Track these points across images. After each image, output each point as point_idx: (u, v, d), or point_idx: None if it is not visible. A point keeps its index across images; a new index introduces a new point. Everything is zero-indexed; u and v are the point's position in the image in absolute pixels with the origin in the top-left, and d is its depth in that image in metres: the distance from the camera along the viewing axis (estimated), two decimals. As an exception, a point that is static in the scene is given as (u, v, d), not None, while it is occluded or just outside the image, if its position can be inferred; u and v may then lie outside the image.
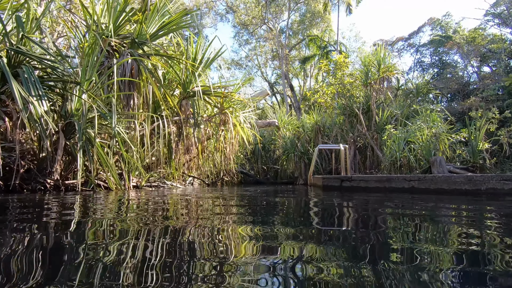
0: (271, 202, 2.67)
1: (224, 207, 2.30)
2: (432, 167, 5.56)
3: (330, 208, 2.37)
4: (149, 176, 4.65)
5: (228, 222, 1.55)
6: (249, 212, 2.04)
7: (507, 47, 30.43)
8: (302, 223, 1.63)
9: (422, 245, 1.09)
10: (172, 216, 1.79)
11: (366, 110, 10.03)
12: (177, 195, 3.38)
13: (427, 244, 1.10)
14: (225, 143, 5.56)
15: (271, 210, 2.22)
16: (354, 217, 1.81)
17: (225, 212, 1.98)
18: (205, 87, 5.03)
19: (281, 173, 11.44)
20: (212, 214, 1.86)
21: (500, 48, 30.79)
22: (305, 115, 12.19)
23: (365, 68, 9.08)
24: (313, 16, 21.72)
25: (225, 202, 2.65)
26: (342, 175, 6.41)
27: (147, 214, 1.83)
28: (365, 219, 1.75)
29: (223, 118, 5.33)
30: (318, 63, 20.15)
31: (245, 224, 1.52)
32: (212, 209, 2.10)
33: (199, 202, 2.56)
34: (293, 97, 19.63)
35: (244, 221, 1.63)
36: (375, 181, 4.16)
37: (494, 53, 29.92)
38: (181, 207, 2.21)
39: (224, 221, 1.59)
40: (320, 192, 4.45)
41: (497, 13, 31.55)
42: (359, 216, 1.88)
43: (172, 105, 4.29)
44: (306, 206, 2.48)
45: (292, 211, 2.20)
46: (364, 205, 2.49)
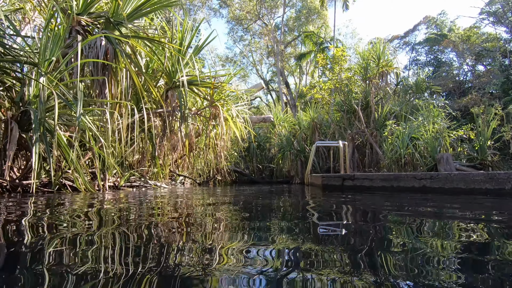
0: (266, 207, 2.24)
1: (205, 212, 1.85)
2: (439, 164, 5.19)
3: (337, 214, 1.93)
4: (129, 175, 4.17)
5: (205, 242, 1.11)
6: (238, 219, 1.60)
7: (502, 46, 30.48)
8: (307, 238, 1.19)
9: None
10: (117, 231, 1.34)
11: (365, 107, 9.66)
12: (156, 197, 2.92)
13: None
14: (216, 140, 5.10)
15: (265, 217, 1.79)
16: (373, 231, 1.37)
17: (202, 223, 1.54)
18: (193, 76, 4.55)
19: (277, 172, 11.04)
20: (186, 227, 1.42)
21: (495, 47, 30.84)
22: (302, 112, 11.79)
23: (364, 62, 8.69)
24: (309, 13, 21.35)
25: (208, 207, 2.21)
26: (342, 173, 6.00)
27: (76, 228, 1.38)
28: (389, 232, 1.32)
29: (213, 112, 4.86)
30: (314, 60, 19.78)
31: (232, 240, 1.08)
32: (188, 220, 1.65)
33: (175, 207, 2.11)
34: (289, 95, 19.22)
35: (230, 237, 1.19)
36: (381, 180, 3.75)
37: (489, 51, 29.91)
38: (146, 215, 1.75)
39: (201, 240, 1.14)
40: (320, 193, 4.04)
41: (492, 11, 31.55)
42: (379, 229, 1.44)
43: (155, 96, 3.80)
44: (307, 212, 2.04)
45: (291, 217, 1.76)
46: (377, 209, 2.07)
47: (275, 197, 3.27)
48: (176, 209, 1.94)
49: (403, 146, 5.19)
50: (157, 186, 4.35)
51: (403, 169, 5.29)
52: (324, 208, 2.14)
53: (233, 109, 5.01)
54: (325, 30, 19.41)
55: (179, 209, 1.96)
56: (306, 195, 3.72)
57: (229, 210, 1.94)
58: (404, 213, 1.80)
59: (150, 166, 4.56)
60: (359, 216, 1.79)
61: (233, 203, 2.39)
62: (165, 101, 4.40)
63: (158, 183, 4.46)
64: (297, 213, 1.89)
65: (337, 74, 9.15)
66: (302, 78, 24.02)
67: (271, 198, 3.12)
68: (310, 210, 2.04)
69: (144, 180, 4.33)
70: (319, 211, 1.98)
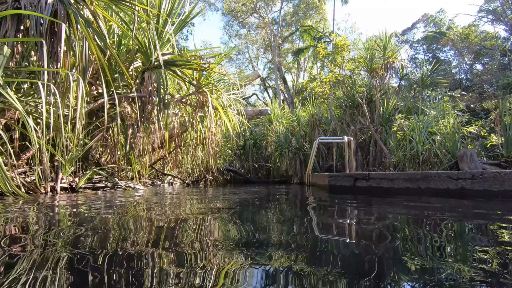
0: (262, 224, 1.53)
1: (174, 234, 1.14)
2: (461, 162, 4.53)
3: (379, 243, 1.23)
4: (91, 173, 3.41)
5: None
6: (225, 247, 0.89)
7: (500, 45, 30.19)
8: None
9: None
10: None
11: (368, 101, 9.00)
12: (112, 205, 2.20)
13: None
14: (205, 133, 4.36)
15: (261, 251, 1.08)
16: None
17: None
18: (175, 56, 3.80)
19: (274, 172, 10.35)
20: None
21: (493, 46, 30.54)
22: (300, 108, 11.10)
23: (368, 53, 8.01)
24: (307, 7, 20.69)
25: (181, 223, 1.50)
26: (354, 172, 5.30)
27: None
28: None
29: (200, 99, 4.11)
30: (312, 56, 19.12)
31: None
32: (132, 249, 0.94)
33: (121, 230, 1.38)
34: (286, 91, 18.52)
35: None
36: (405, 180, 3.05)
37: (489, 49, 29.58)
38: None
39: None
40: (326, 196, 3.34)
41: (491, 9, 31.25)
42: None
43: (127, 77, 3.06)
44: (326, 230, 1.33)
45: (299, 249, 1.06)
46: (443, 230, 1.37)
47: (274, 205, 2.56)
48: (105, 238, 1.21)
49: (420, 141, 4.51)
50: (130, 188, 3.60)
51: (421, 168, 4.61)
52: (348, 227, 1.43)
53: (224, 97, 4.26)
54: (324, 24, 18.75)
55: (117, 236, 1.24)
56: (311, 200, 3.01)
57: (204, 235, 1.23)
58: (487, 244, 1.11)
59: (125, 163, 3.81)
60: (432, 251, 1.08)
61: (213, 217, 1.67)
62: (141, 84, 3.66)
63: (132, 184, 3.70)
64: (313, 245, 1.19)
65: (339, 65, 8.47)
66: (299, 75, 23.36)
67: (268, 207, 2.41)
68: (329, 234, 1.33)
69: (112, 180, 3.57)
70: (345, 244, 1.28)
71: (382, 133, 8.60)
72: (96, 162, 3.85)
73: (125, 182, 3.72)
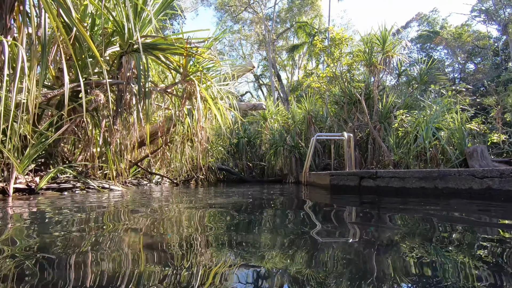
0: (258, 250, 1.14)
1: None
2: (470, 159, 4.21)
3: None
4: (56, 172, 2.93)
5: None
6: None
7: (492, 44, 30.47)
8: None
9: None
10: None
11: (367, 97, 8.68)
12: (72, 210, 1.78)
13: None
14: (194, 127, 3.92)
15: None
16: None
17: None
18: (158, 38, 3.34)
19: (268, 170, 9.99)
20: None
21: (486, 45, 30.80)
22: (296, 104, 10.74)
23: (367, 46, 7.68)
24: (302, 3, 20.36)
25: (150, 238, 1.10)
26: (354, 170, 4.95)
27: None
28: None
29: (187, 89, 3.66)
30: (307, 53, 18.80)
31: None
32: None
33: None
34: (281, 88, 18.14)
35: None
36: (419, 179, 2.69)
37: (482, 48, 29.79)
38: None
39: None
40: (328, 197, 2.97)
41: (484, 9, 31.48)
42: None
43: (100, 61, 2.61)
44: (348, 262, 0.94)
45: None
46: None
47: (269, 209, 2.17)
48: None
49: (427, 137, 4.17)
50: (105, 189, 3.13)
51: (428, 166, 4.28)
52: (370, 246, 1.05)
53: (214, 88, 3.82)
54: (319, 20, 18.43)
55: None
56: (314, 205, 2.62)
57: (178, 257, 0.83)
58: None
59: (101, 161, 3.34)
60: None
61: (191, 238, 1.28)
62: (119, 70, 3.21)
63: (108, 184, 3.23)
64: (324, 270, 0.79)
65: (336, 59, 8.12)
66: (294, 73, 23.05)
67: (264, 211, 2.02)
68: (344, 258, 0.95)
69: (83, 180, 3.09)
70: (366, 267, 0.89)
71: (381, 130, 8.30)
72: (66, 160, 3.38)
73: (99, 182, 3.24)
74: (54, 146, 3.02)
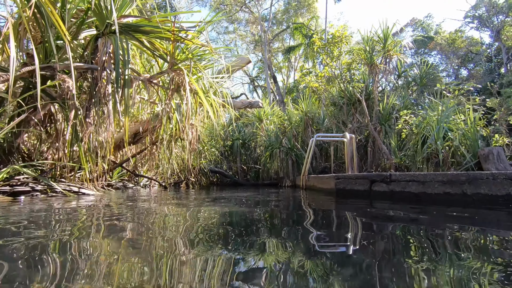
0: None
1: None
2: (485, 162, 3.87)
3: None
4: (7, 172, 2.42)
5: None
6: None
7: (485, 50, 30.81)
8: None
9: None
10: None
11: (366, 98, 8.37)
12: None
13: None
14: (183, 123, 3.47)
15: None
16: None
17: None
18: (141, 20, 2.91)
19: (263, 173, 9.58)
20: None
21: (479, 51, 31.13)
22: (292, 105, 10.40)
23: (367, 44, 7.37)
24: (299, 5, 20.16)
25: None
26: (367, 173, 4.54)
27: None
28: None
29: (175, 80, 3.22)
30: (304, 55, 18.55)
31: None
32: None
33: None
34: (276, 90, 17.82)
35: None
36: (442, 184, 2.30)
37: (475, 54, 30.07)
38: None
39: None
40: (333, 204, 2.58)
41: (477, 15, 31.87)
42: None
43: (66, 40, 2.16)
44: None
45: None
46: None
47: (265, 218, 1.76)
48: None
49: (438, 138, 3.82)
50: (73, 193, 2.66)
51: (441, 169, 3.92)
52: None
53: (206, 79, 3.38)
54: (316, 22, 18.22)
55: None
56: (323, 213, 2.22)
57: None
58: None
59: (70, 159, 2.86)
60: None
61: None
62: (94, 55, 2.77)
63: (78, 188, 2.76)
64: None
65: (336, 58, 7.80)
66: (290, 75, 22.79)
67: (260, 222, 1.61)
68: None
69: (43, 181, 2.61)
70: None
71: (381, 132, 7.99)
72: (28, 158, 2.90)
73: (67, 185, 2.76)
74: (14, 141, 2.56)
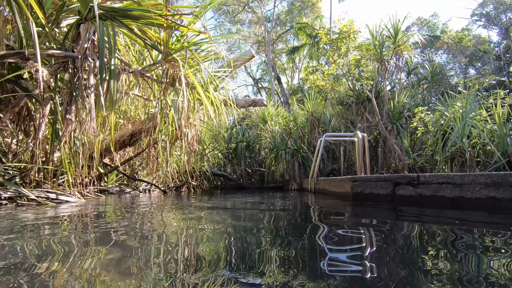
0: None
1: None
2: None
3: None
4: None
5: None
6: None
7: (493, 48, 30.14)
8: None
9: None
10: None
11: (376, 96, 7.98)
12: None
13: None
14: (178, 123, 3.13)
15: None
16: None
17: None
18: (129, 3, 2.58)
19: (268, 176, 9.22)
20: None
21: (487, 49, 30.47)
22: (297, 105, 10.05)
23: (376, 40, 7.00)
24: (303, 6, 19.87)
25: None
26: (388, 174, 4.15)
27: None
28: None
29: (170, 72, 2.88)
30: (308, 55, 18.22)
31: None
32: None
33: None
34: (281, 91, 17.48)
35: None
36: (485, 187, 1.92)
37: (484, 52, 29.42)
38: None
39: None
40: (349, 209, 2.21)
41: (484, 13, 31.23)
42: None
43: (46, 25, 1.85)
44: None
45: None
46: None
47: (272, 230, 1.40)
48: None
49: (464, 135, 3.42)
50: (53, 201, 2.33)
51: (468, 169, 3.51)
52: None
53: (204, 71, 3.03)
54: (321, 21, 17.91)
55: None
56: (346, 223, 1.85)
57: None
58: None
59: (46, 161, 2.51)
60: None
61: None
62: (76, 43, 2.46)
63: (55, 195, 2.41)
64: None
65: (343, 54, 7.44)
66: (294, 76, 22.46)
67: (268, 233, 1.25)
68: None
69: (14, 188, 2.27)
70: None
71: (393, 132, 7.58)
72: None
73: (43, 191, 2.41)
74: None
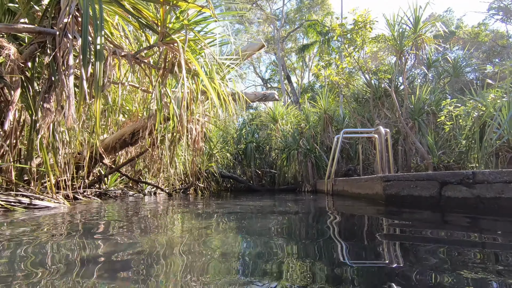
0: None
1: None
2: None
3: None
4: None
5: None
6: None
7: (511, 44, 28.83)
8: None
9: None
10: None
11: (395, 90, 7.44)
12: None
13: None
14: (179, 118, 2.75)
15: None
16: None
17: None
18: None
19: (280, 178, 8.78)
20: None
21: (505, 44, 29.19)
22: (309, 103, 9.59)
23: (393, 30, 6.47)
24: (312, 3, 19.39)
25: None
26: (433, 172, 3.68)
27: None
28: None
29: (168, 56, 2.49)
30: (319, 53, 17.72)
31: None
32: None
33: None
34: (291, 90, 17.04)
35: None
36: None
37: (503, 47, 28.19)
38: None
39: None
40: (385, 216, 1.75)
41: (502, 5, 30.01)
42: None
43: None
44: None
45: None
46: None
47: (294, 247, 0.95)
48: None
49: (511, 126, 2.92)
50: (28, 207, 1.95)
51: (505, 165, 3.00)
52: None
53: (209, 55, 2.62)
54: (331, 18, 17.40)
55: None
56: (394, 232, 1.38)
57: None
58: None
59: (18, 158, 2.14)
60: None
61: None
62: (55, 19, 2.11)
63: (28, 199, 2.01)
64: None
65: (358, 48, 6.95)
66: (304, 76, 21.96)
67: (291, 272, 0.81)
68: None
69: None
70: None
71: (414, 128, 7.02)
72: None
73: (11, 196, 2.03)
74: None
